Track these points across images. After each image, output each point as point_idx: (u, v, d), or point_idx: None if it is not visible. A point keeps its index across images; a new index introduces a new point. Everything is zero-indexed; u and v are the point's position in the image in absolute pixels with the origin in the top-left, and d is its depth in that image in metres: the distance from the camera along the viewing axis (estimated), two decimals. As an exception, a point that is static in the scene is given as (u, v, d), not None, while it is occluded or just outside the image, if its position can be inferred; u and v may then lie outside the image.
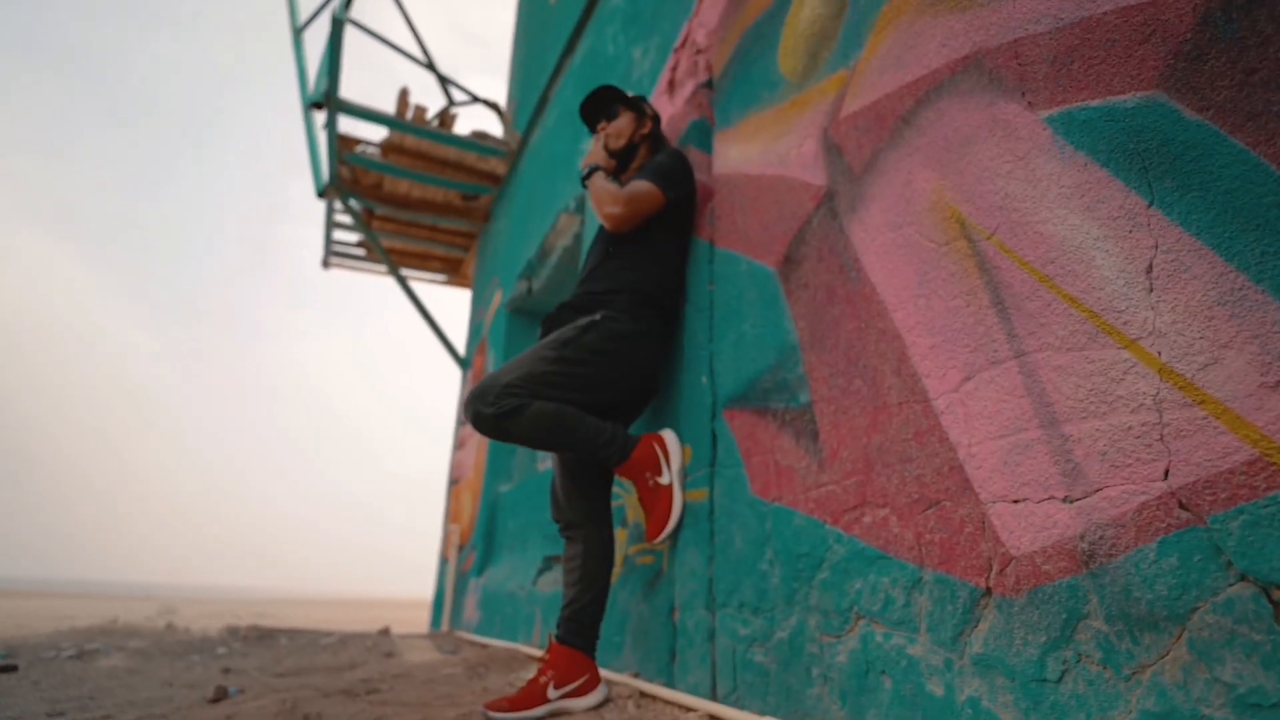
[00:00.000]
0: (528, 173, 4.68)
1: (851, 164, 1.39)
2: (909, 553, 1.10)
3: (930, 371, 1.12)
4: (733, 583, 1.55)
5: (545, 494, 3.35)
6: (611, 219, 1.83)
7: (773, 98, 1.73)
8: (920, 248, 1.18)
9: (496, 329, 4.82)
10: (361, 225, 5.35)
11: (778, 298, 1.57)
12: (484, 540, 4.20)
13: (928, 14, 1.25)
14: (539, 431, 1.68)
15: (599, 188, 1.88)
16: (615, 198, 1.82)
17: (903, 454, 1.15)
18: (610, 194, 1.83)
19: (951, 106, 1.16)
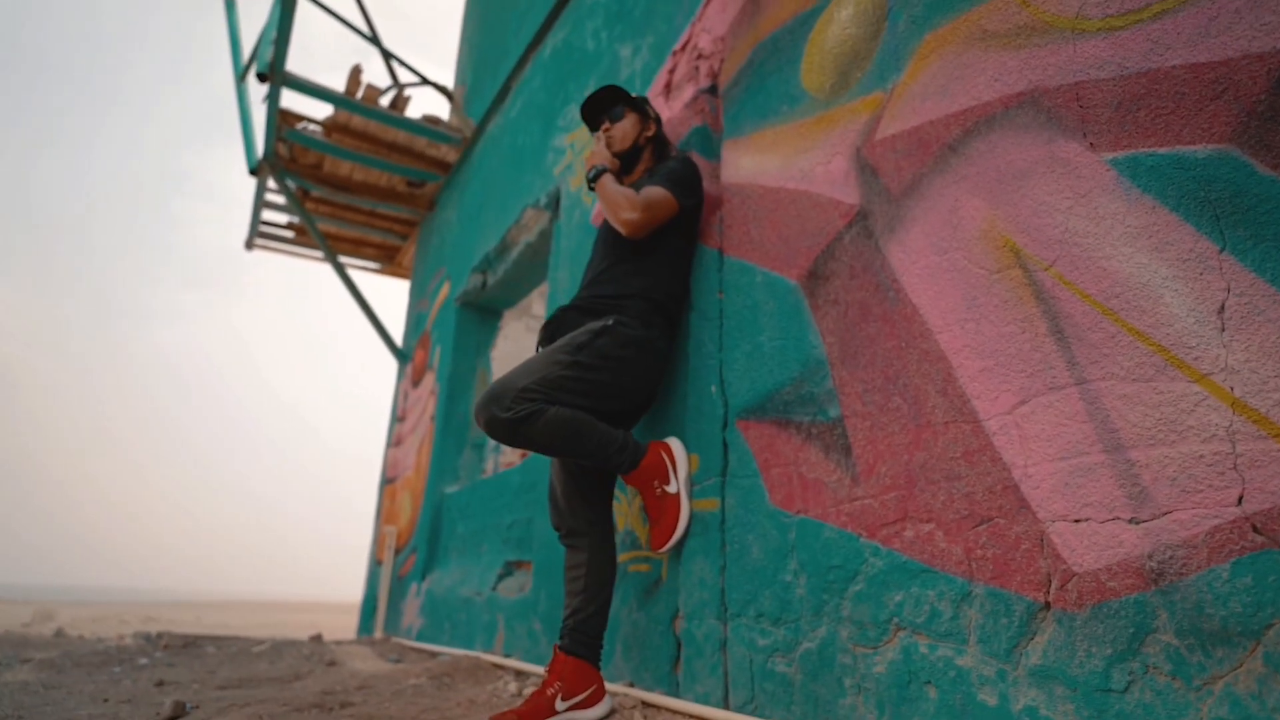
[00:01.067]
0: (484, 163, 4.59)
1: (889, 185, 1.45)
2: (958, 567, 1.16)
3: (980, 393, 1.19)
4: (749, 593, 1.58)
5: (501, 497, 3.31)
6: (629, 225, 1.83)
7: (794, 112, 1.78)
8: (969, 273, 1.25)
9: (444, 322, 4.71)
10: (298, 206, 5.10)
11: (800, 311, 1.62)
12: (427, 543, 4.10)
13: (977, 47, 1.32)
14: (554, 437, 1.66)
15: (613, 191, 1.87)
16: (633, 203, 1.82)
17: (950, 471, 1.21)
18: (628, 199, 1.83)
19: (1005, 140, 1.23)
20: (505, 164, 4.13)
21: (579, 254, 2.86)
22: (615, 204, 1.84)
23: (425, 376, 4.83)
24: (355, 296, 5.33)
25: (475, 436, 4.38)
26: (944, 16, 1.41)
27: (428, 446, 4.46)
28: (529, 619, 2.63)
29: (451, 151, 5.14)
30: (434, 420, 4.46)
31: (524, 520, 3.02)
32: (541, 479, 2.92)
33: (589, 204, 2.87)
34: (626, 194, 1.85)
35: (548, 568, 2.57)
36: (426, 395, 4.72)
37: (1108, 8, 1.11)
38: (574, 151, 3.13)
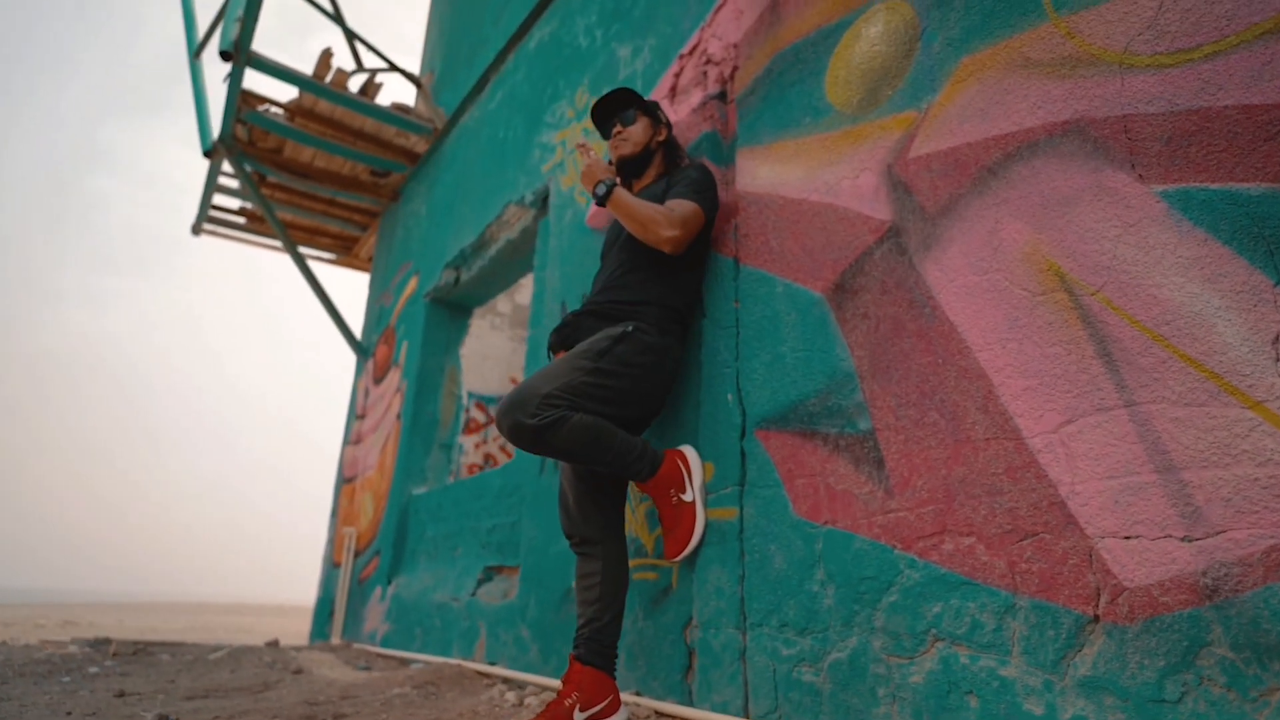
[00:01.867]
0: (458, 155, 4.52)
1: (924, 204, 1.49)
2: (1001, 580, 1.21)
3: (1024, 412, 1.23)
4: (771, 603, 1.61)
5: (479, 500, 3.27)
6: (672, 242, 1.82)
7: (817, 124, 1.81)
8: (1010, 294, 1.30)
9: (411, 318, 4.61)
10: (256, 193, 4.93)
11: (826, 324, 1.65)
12: (393, 546, 4.01)
13: (1018, 74, 1.37)
14: (578, 445, 1.66)
15: (640, 206, 1.84)
16: (670, 220, 1.81)
17: (991, 487, 1.25)
18: (665, 216, 1.81)
19: (1049, 166, 1.28)
20: (483, 157, 4.07)
21: (571, 254, 2.84)
22: (651, 221, 1.82)
23: (390, 373, 4.73)
24: (315, 289, 5.17)
25: (444, 436, 4.31)
26: (982, 41, 1.46)
27: (393, 446, 4.36)
28: (516, 626, 2.61)
29: (421, 142, 5.04)
30: (400, 419, 4.37)
31: (506, 525, 2.99)
32: (525, 483, 2.89)
33: (583, 204, 2.86)
34: (660, 210, 1.83)
35: (537, 574, 2.56)
36: (391, 393, 4.62)
37: (1157, 45, 1.17)
38: (565, 150, 3.11)
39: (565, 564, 2.41)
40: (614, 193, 1.85)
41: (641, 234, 1.83)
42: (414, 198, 5.25)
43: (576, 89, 3.15)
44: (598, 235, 2.70)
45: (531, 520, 2.67)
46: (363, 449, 4.91)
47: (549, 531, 2.54)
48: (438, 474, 4.24)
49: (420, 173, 5.21)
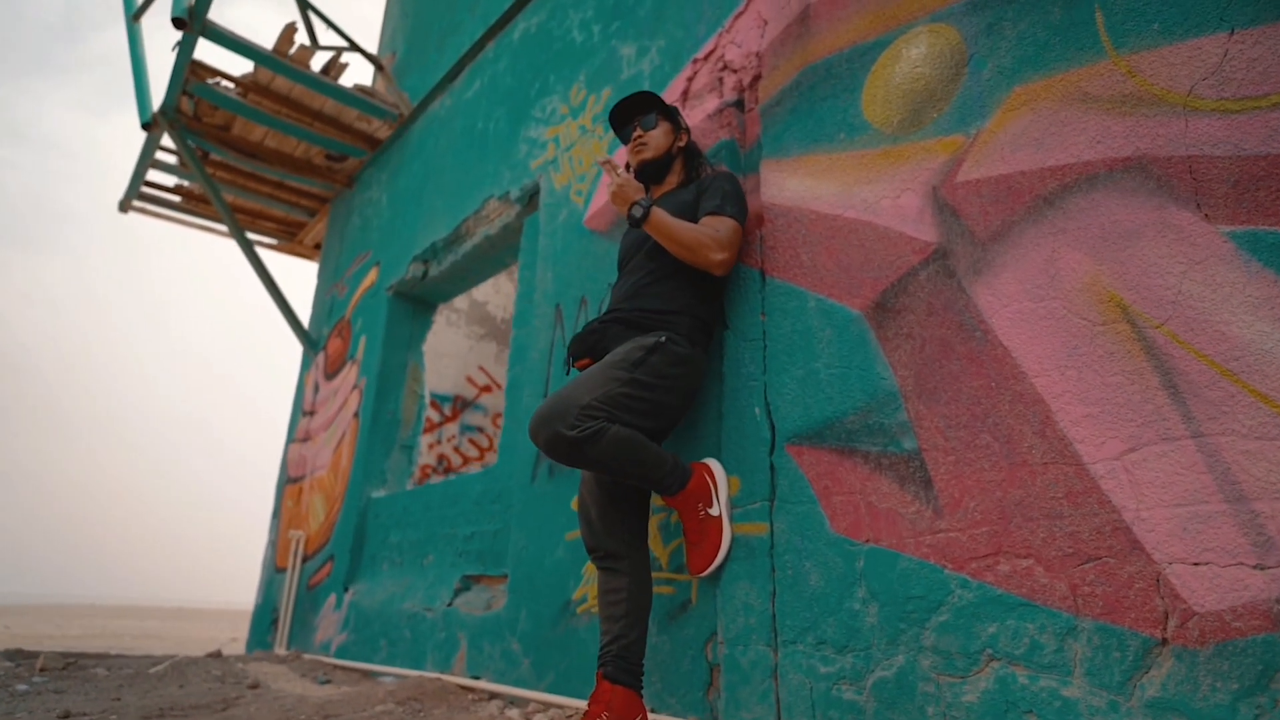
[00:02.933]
0: (427, 144, 4.40)
1: (973, 228, 1.54)
2: (1062, 601, 1.26)
3: (1084, 438, 1.29)
4: (807, 620, 1.63)
5: (455, 506, 3.20)
6: (722, 265, 1.82)
7: (852, 141, 1.84)
8: (1069, 322, 1.35)
9: (371, 311, 4.46)
10: (201, 171, 4.67)
11: (865, 342, 1.68)
12: (350, 551, 3.88)
13: (1075, 107, 1.43)
14: (615, 458, 1.64)
15: (685, 229, 1.81)
16: (719, 242, 1.81)
17: (1051, 510, 1.30)
18: (713, 239, 1.80)
19: (1109, 200, 1.34)
20: (459, 148, 3.98)
21: (567, 256, 2.81)
22: (699, 245, 1.80)
23: (346, 369, 4.56)
24: (263, 277, 4.94)
25: (405, 437, 4.19)
26: (1036, 73, 1.51)
27: (349, 446, 4.21)
28: (503, 638, 2.56)
29: (384, 127, 4.89)
30: (358, 417, 4.22)
31: (488, 532, 2.93)
32: (511, 491, 2.84)
33: (580, 205, 2.83)
34: (705, 233, 1.81)
35: (528, 585, 2.52)
36: (347, 389, 4.46)
37: (1222, 91, 1.24)
38: (558, 147, 3.07)
39: (561, 575, 2.37)
40: (652, 214, 1.83)
41: (690, 257, 1.82)
42: (373, 185, 5.08)
43: (571, 85, 3.11)
44: (597, 237, 2.68)
45: (521, 529, 2.63)
46: (312, 447, 4.72)
47: (542, 541, 2.50)
48: (398, 476, 4.11)
49: (381, 159, 5.05)
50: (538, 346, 2.83)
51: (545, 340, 2.80)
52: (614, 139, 2.74)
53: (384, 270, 4.46)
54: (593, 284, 2.63)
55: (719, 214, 1.88)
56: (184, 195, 5.72)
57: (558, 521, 2.46)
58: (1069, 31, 1.48)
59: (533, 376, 2.81)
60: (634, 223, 1.86)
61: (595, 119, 2.88)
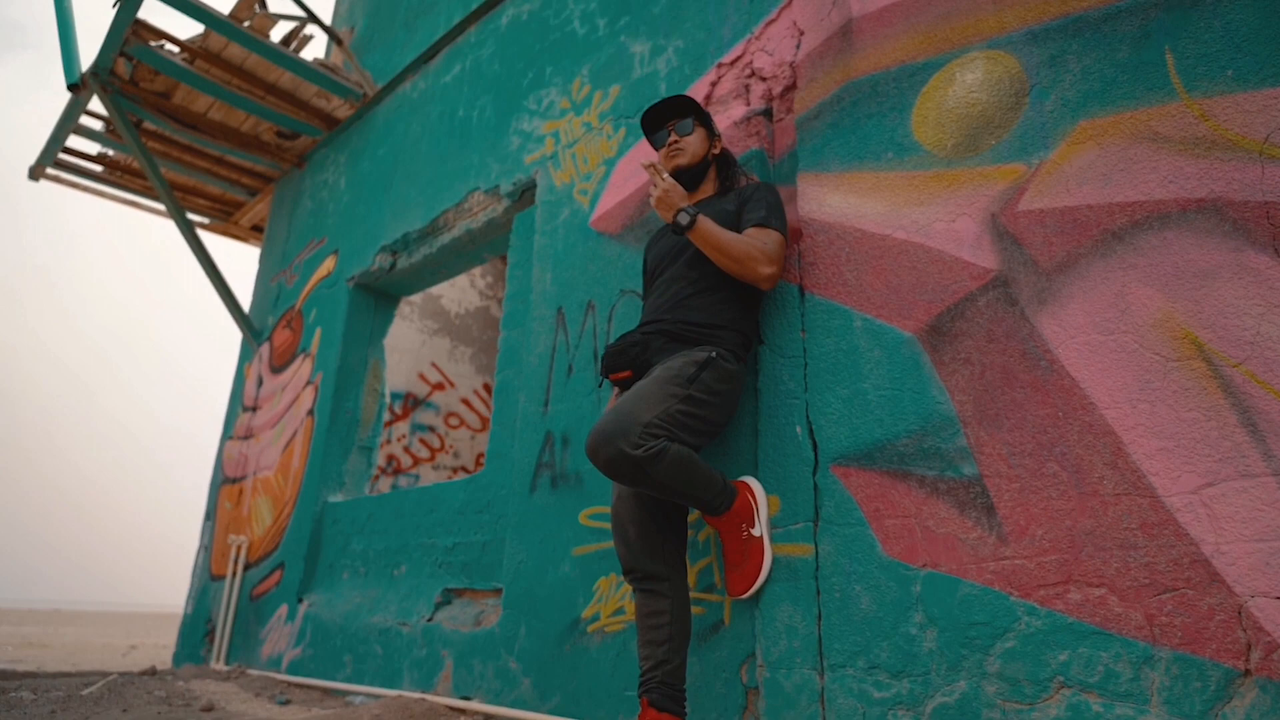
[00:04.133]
0: (397, 128, 4.25)
1: (1036, 257, 1.59)
2: (1137, 631, 1.31)
3: (1159, 471, 1.35)
4: (858, 644, 1.65)
5: (433, 514, 3.11)
6: (770, 280, 1.82)
7: (901, 161, 1.88)
8: (1141, 357, 1.41)
9: (328, 302, 4.28)
10: (136, 140, 4.37)
11: (919, 365, 1.72)
12: (305, 559, 3.71)
13: (1145, 145, 1.50)
14: (675, 477, 1.62)
15: (733, 241, 1.80)
16: (768, 256, 1.80)
17: (1124, 541, 1.36)
18: (761, 252, 1.79)
19: (1182, 239, 1.41)
20: (436, 135, 3.85)
21: (570, 257, 2.76)
22: (748, 257, 1.79)
23: (298, 363, 4.36)
24: (203, 260, 4.66)
25: (364, 438, 4.04)
26: (1103, 108, 1.57)
27: (302, 446, 4.03)
28: (498, 656, 2.49)
29: (345, 106, 4.69)
30: (312, 416, 4.04)
31: (475, 544, 2.85)
32: (503, 500, 2.78)
33: (585, 204, 2.78)
34: (754, 245, 1.80)
35: (528, 601, 2.46)
36: (300, 385, 4.26)
37: (1299, 142, 1.32)
38: (558, 143, 3.01)
39: (568, 592, 2.33)
40: (698, 222, 1.81)
41: (737, 270, 1.81)
42: (328, 167, 4.87)
43: (572, 78, 3.06)
44: (606, 240, 2.64)
45: (519, 542, 2.57)
46: (255, 446, 4.49)
47: (545, 555, 2.45)
48: (356, 479, 3.96)
49: (339, 140, 4.84)
50: (536, 350, 2.77)
51: (545, 344, 2.75)
52: (624, 139, 2.71)
53: (343, 259, 4.28)
54: (601, 288, 2.60)
55: (764, 226, 1.88)
56: (107, 165, 5.34)
57: (562, 535, 2.42)
58: (1137, 70, 1.55)
59: (530, 381, 2.75)
60: (678, 230, 1.84)
61: (602, 116, 2.84)
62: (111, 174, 5.42)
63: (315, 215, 4.80)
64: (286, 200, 5.27)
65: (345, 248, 4.31)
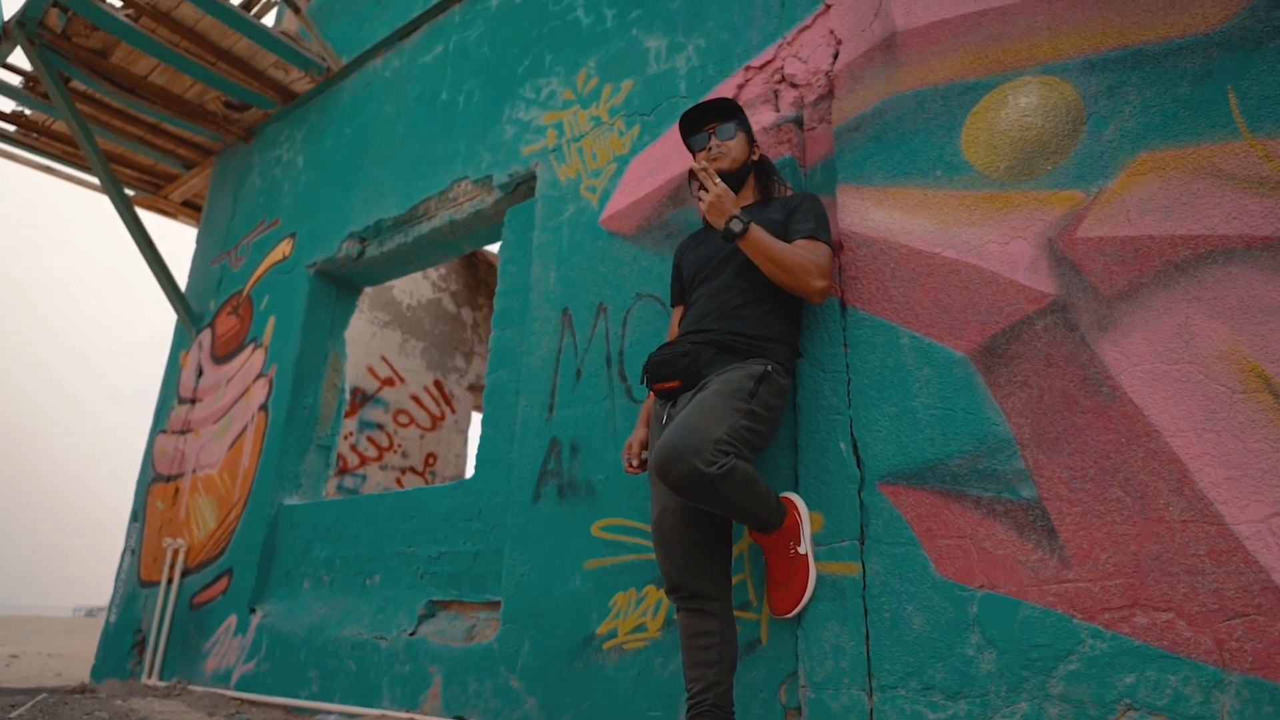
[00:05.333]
0: (367, 107, 4.08)
1: (1097, 285, 1.65)
2: (1207, 655, 1.38)
3: (1226, 499, 1.43)
4: (911, 665, 1.68)
5: (413, 521, 3.01)
6: (822, 294, 1.82)
7: (951, 180, 1.92)
8: (1206, 388, 1.49)
9: (284, 290, 4.07)
10: (66, 101, 4.05)
11: (973, 385, 1.76)
12: (258, 566, 3.52)
13: (1208, 181, 1.58)
14: (740, 495, 1.61)
15: (787, 251, 1.80)
16: (821, 270, 1.80)
17: (1191, 567, 1.43)
18: (815, 265, 1.79)
19: (1248, 275, 1.49)
20: (415, 118, 3.72)
21: (576, 256, 2.72)
22: (802, 269, 1.79)
23: (247, 353, 4.13)
24: (137, 234, 4.37)
25: (323, 435, 3.87)
26: (1164, 141, 1.65)
27: (254, 443, 3.83)
28: (496, 674, 2.43)
29: (304, 80, 4.47)
30: (265, 411, 3.84)
31: (464, 553, 2.77)
32: (499, 508, 2.72)
33: (594, 202, 2.74)
34: (808, 258, 1.80)
35: (531, 615, 2.41)
36: (249, 377, 4.04)
37: (1364, 188, 1.42)
38: (562, 135, 2.95)
39: (579, 607, 2.29)
40: (751, 231, 1.81)
41: (790, 282, 1.81)
42: (282, 143, 4.64)
43: (577, 69, 3.01)
44: (619, 240, 2.61)
45: (521, 553, 2.51)
46: (194, 442, 4.24)
47: (552, 568, 2.40)
48: (314, 480, 3.79)
49: (296, 115, 4.61)
50: (538, 351, 2.71)
51: (549, 345, 2.69)
52: (638, 136, 2.68)
53: (302, 244, 4.09)
54: (614, 290, 2.56)
55: (814, 239, 1.89)
56: (23, 125, 4.94)
57: (573, 548, 2.38)
58: (1199, 107, 1.63)
59: (531, 384, 2.69)
60: (730, 237, 1.83)
61: (613, 111, 2.80)
62: (26, 135, 5.01)
63: (266, 194, 4.56)
64: (230, 176, 4.99)
65: (305, 231, 4.11)
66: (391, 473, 5.55)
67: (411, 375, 5.83)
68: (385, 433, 5.55)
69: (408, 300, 5.91)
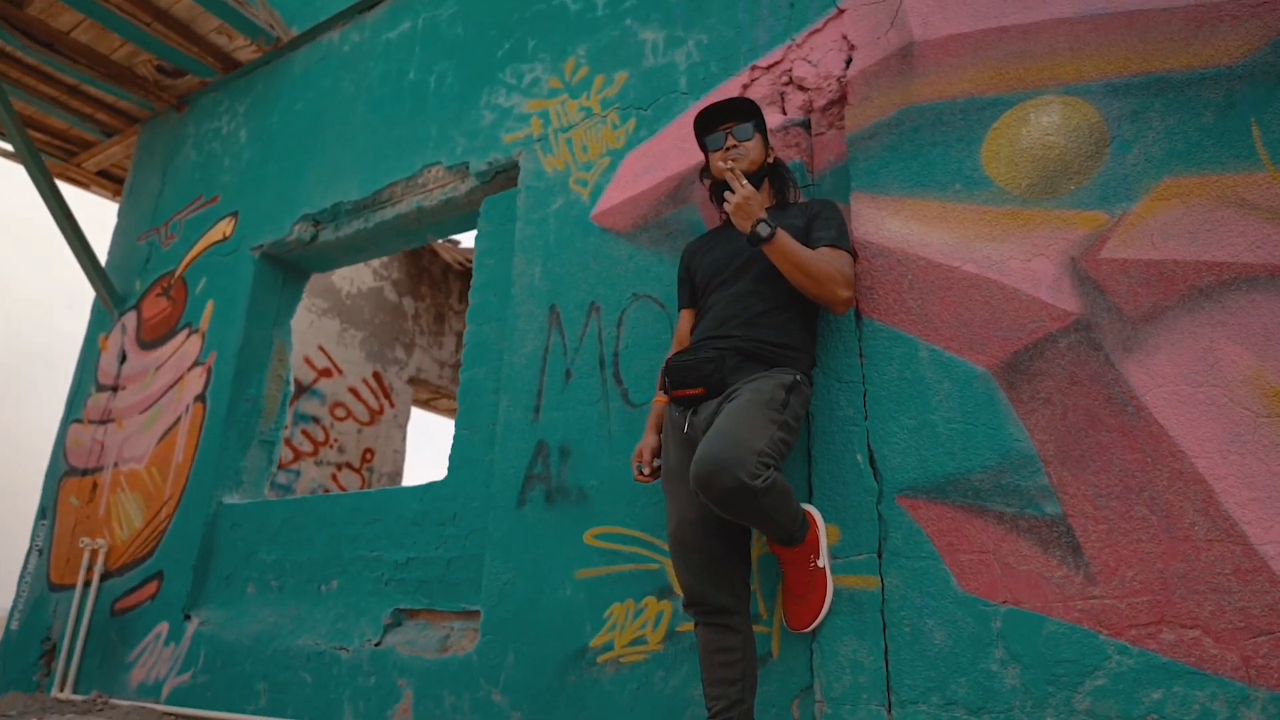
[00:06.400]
0: (322, 82, 3.85)
1: (1121, 306, 1.69)
2: (1234, 672, 1.43)
3: (1251, 520, 1.47)
4: (932, 680, 1.68)
5: (378, 523, 2.88)
6: (846, 304, 1.82)
7: (971, 195, 1.93)
8: (1230, 410, 1.54)
9: (224, 272, 3.81)
10: (-21, 54, 3.67)
11: (994, 400, 1.77)
12: (194, 569, 3.28)
13: (1232, 210, 1.63)
14: (777, 508, 1.57)
15: (814, 260, 1.77)
16: (847, 280, 1.79)
17: (1217, 585, 1.47)
18: (841, 275, 1.77)
19: (1272, 303, 1.55)
20: (380, 98, 3.54)
21: (565, 252, 2.63)
22: (829, 279, 1.77)
23: (181, 339, 3.84)
24: (54, 206, 4.00)
25: (266, 430, 3.64)
26: (1187, 168, 1.70)
27: (188, 436, 3.56)
28: (476, 687, 2.32)
29: (250, 49, 4.19)
30: (202, 402, 3.58)
31: (436, 559, 2.64)
32: (477, 512, 2.61)
33: (584, 196, 2.65)
34: (835, 267, 1.79)
35: (516, 625, 2.32)
36: (183, 365, 3.76)
37: (1383, 224, 1.49)
38: (548, 124, 2.85)
39: (572, 618, 2.21)
40: (778, 237, 1.77)
41: (815, 290, 1.78)
42: (221, 114, 4.33)
43: (564, 57, 2.91)
44: (614, 238, 2.53)
45: (504, 561, 2.40)
46: (116, 433, 3.91)
47: (540, 577, 2.31)
48: (256, 477, 3.56)
49: (239, 86, 4.32)
50: (522, 349, 2.61)
51: (534, 343, 2.59)
52: (634, 130, 2.61)
53: (246, 224, 3.83)
54: (607, 289, 2.49)
55: (837, 247, 1.87)
56: (-83, 78, 4.45)
57: (563, 555, 2.29)
58: (1222, 137, 1.68)
59: (514, 384, 2.58)
60: (756, 241, 1.79)
61: (605, 103, 2.72)
62: (-80, 89, 4.52)
63: (203, 168, 4.26)
64: (159, 146, 4.64)
65: (249, 211, 3.85)
66: (327, 469, 5.29)
67: (350, 366, 5.57)
68: (321, 426, 5.29)
69: (347, 288, 5.64)
